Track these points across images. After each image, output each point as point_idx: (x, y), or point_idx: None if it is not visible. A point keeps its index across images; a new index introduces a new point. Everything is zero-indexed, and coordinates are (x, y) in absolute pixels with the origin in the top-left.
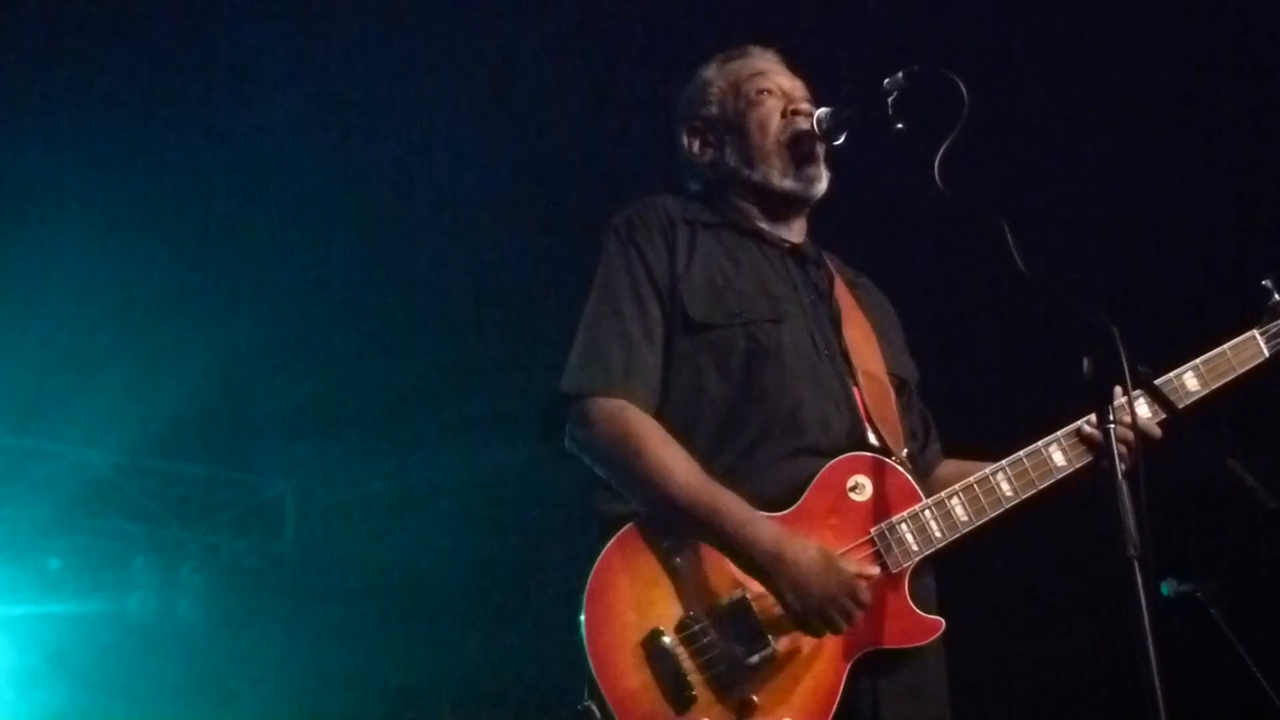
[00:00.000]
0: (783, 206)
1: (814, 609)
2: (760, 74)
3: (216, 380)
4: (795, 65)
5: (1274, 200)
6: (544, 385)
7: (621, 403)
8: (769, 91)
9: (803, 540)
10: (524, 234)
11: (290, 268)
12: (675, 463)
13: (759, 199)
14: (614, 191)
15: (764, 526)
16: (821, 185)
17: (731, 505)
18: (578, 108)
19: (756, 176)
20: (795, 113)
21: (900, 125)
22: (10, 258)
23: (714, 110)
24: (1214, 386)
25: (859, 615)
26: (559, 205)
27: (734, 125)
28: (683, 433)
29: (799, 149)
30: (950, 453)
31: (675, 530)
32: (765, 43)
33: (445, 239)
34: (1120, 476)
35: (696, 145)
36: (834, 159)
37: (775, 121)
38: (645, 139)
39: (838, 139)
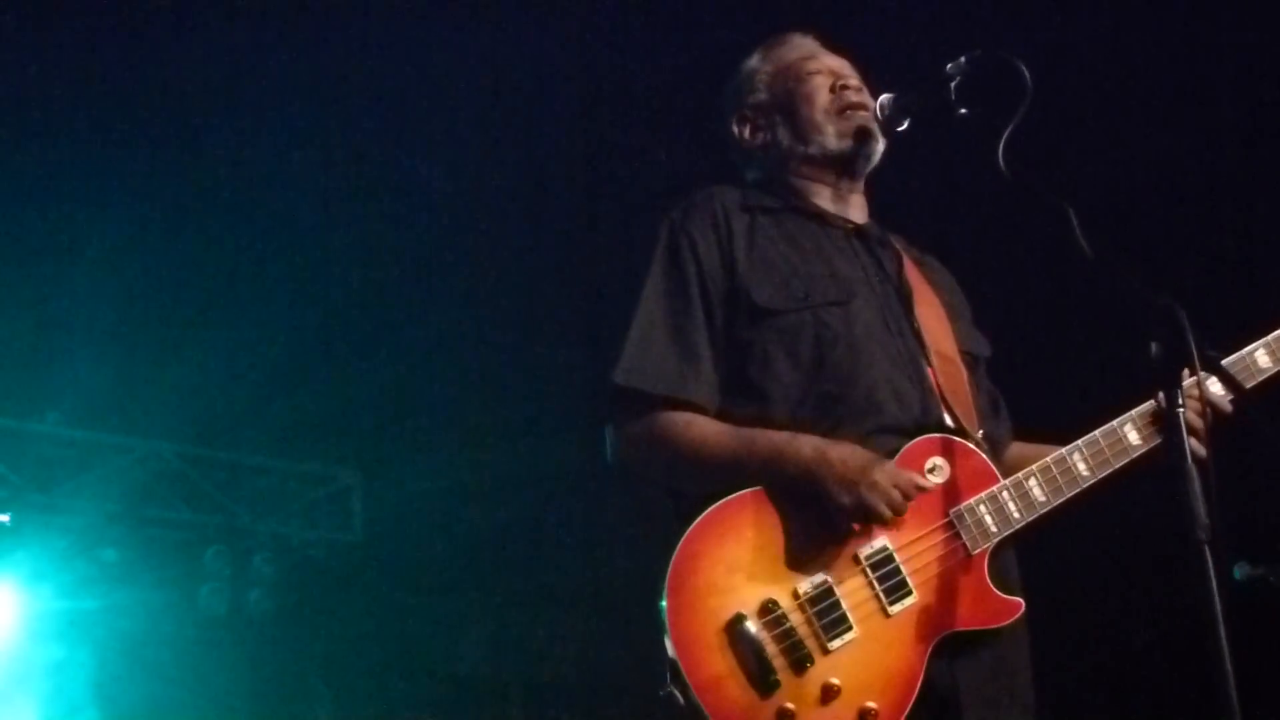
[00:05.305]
0: (843, 176)
1: (860, 498)
2: (808, 57)
3: (285, 371)
4: (835, 46)
5: None
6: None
7: (689, 416)
8: (817, 71)
9: (849, 445)
10: (591, 228)
11: (361, 261)
12: (701, 428)
13: (817, 171)
14: (669, 188)
15: (805, 439)
16: (877, 146)
17: (767, 434)
18: (610, 102)
19: (812, 149)
20: (844, 87)
21: (963, 110)
22: (78, 252)
23: (763, 96)
24: None
25: (905, 505)
26: (616, 201)
27: (784, 105)
28: (755, 423)
29: (850, 118)
30: (1017, 435)
31: (754, 515)
32: (803, 29)
33: (518, 231)
34: (1189, 460)
35: (748, 131)
36: (890, 133)
37: (824, 95)
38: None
39: (900, 125)
